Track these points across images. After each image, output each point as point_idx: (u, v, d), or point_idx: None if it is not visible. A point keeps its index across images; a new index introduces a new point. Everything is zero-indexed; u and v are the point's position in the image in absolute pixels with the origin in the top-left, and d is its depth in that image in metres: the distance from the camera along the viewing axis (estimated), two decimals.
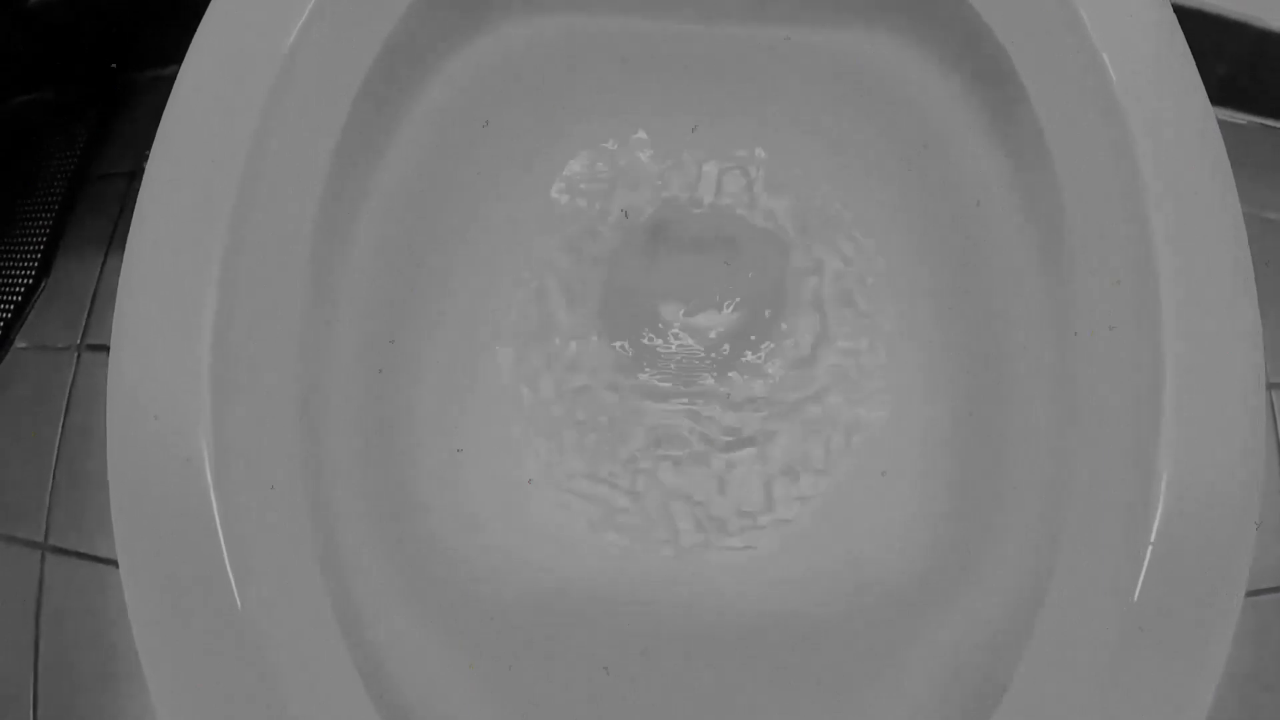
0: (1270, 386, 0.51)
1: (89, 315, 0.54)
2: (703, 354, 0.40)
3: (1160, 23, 0.30)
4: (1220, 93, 0.55)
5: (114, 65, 0.60)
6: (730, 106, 0.42)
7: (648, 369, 0.40)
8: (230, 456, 0.26)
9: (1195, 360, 0.27)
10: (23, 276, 0.56)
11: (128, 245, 0.28)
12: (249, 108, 0.29)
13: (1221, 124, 0.30)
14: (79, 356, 0.54)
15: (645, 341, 0.40)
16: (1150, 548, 0.25)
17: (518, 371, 0.39)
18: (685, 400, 0.39)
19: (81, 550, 0.50)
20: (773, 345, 0.40)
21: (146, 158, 0.29)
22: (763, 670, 0.34)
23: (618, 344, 0.40)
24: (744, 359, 0.40)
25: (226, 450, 0.26)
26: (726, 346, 0.40)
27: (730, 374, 0.40)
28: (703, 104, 0.42)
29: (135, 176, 0.57)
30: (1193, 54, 0.30)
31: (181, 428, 0.26)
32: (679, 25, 0.39)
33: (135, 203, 0.29)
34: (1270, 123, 0.58)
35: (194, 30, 0.30)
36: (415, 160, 0.36)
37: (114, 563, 0.49)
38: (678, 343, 0.40)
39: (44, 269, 0.56)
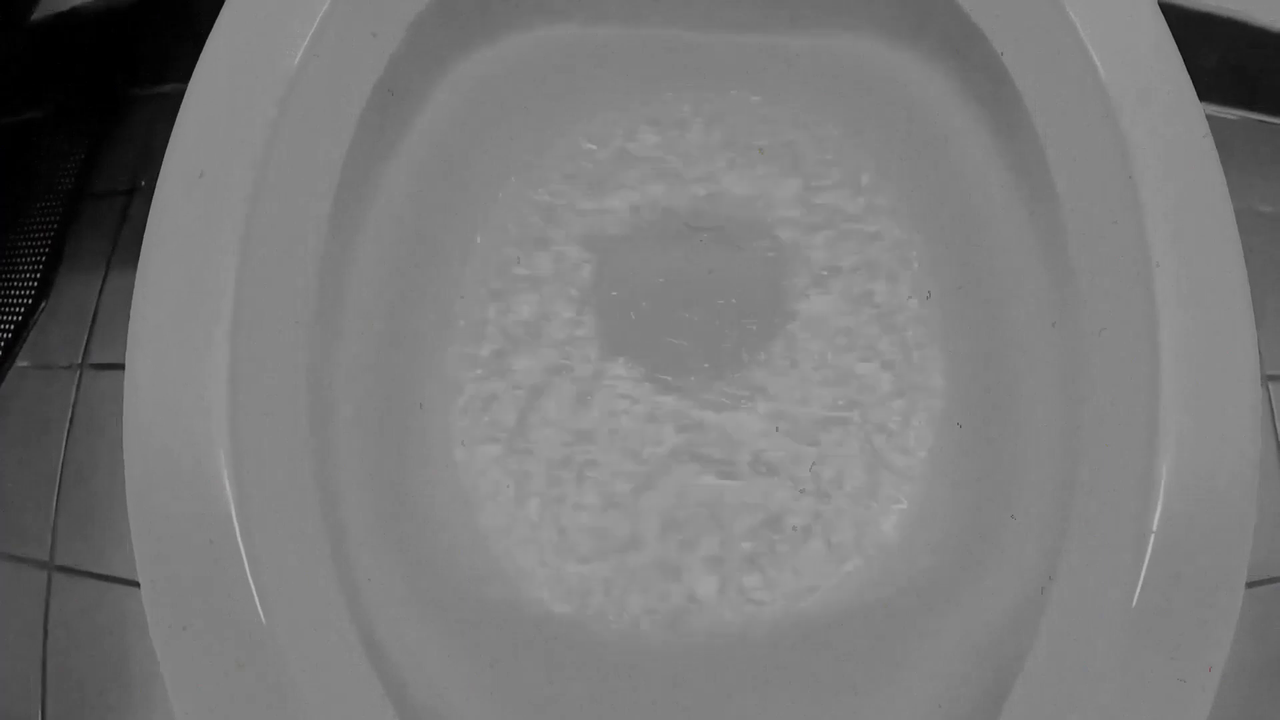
0: (1266, 379, 0.52)
1: (90, 333, 0.54)
2: (703, 355, 0.40)
3: (1149, 21, 0.31)
4: (1210, 89, 0.56)
5: (113, 81, 0.60)
6: (731, 108, 0.42)
7: (649, 372, 0.40)
8: (247, 468, 0.26)
9: (1192, 355, 0.27)
10: (23, 295, 0.56)
11: (141, 255, 0.28)
12: (260, 117, 0.29)
13: (1211, 119, 0.30)
14: (81, 375, 0.53)
15: (647, 345, 0.40)
16: (1151, 546, 0.26)
17: (521, 374, 0.39)
18: (685, 402, 0.39)
19: (87, 569, 0.49)
20: (773, 347, 0.40)
21: (145, 178, 0.29)
22: (763, 670, 0.34)
23: (620, 348, 0.40)
24: (744, 361, 0.40)
25: (243, 462, 0.26)
26: (727, 348, 0.40)
27: (731, 376, 0.40)
28: (703, 107, 0.42)
29: (134, 193, 0.56)
30: (1182, 51, 0.31)
31: (200, 441, 0.26)
32: (680, 32, 0.40)
33: (136, 219, 0.29)
34: (1260, 117, 0.58)
35: (194, 46, 0.31)
36: (419, 165, 0.37)
37: (121, 580, 0.49)
38: (679, 345, 0.41)
39: (44, 287, 0.56)
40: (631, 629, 0.35)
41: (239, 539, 0.26)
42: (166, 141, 0.30)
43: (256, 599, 0.25)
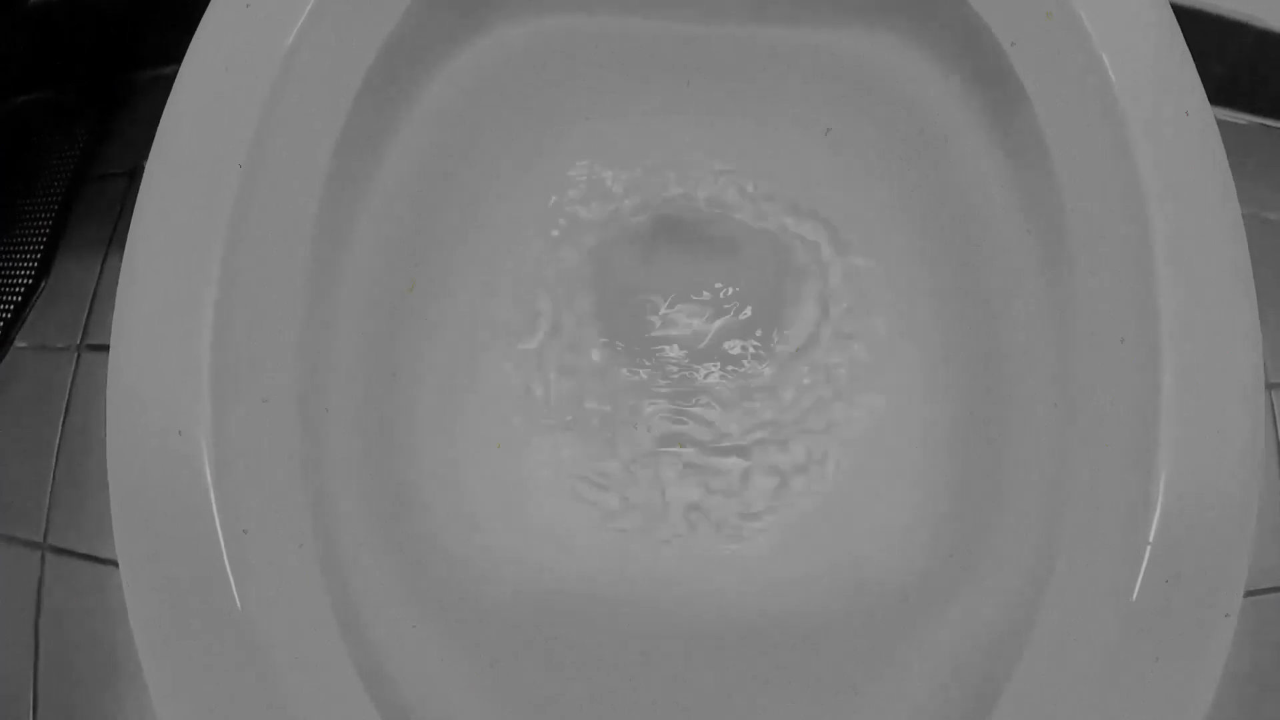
0: (1269, 387, 0.51)
1: (89, 315, 0.54)
2: (702, 354, 0.40)
3: (1159, 22, 0.30)
4: (1220, 92, 0.55)
5: (114, 65, 0.60)
6: (730, 106, 0.42)
7: (647, 369, 0.40)
8: (230, 457, 0.26)
9: (1194, 360, 0.27)
10: (22, 276, 0.56)
11: (127, 244, 0.28)
12: (249, 107, 0.29)
13: (1221, 124, 0.29)
14: (79, 357, 0.54)
15: (644, 341, 0.40)
16: (1149, 547, 0.25)
17: (517, 371, 0.39)
18: (684, 400, 0.39)
19: (81, 550, 0.50)
20: (772, 345, 0.40)
21: (146, 162, 0.29)
22: (763, 670, 0.34)
23: (617, 344, 0.40)
24: (743, 359, 0.40)
25: (226, 450, 0.26)
26: (726, 346, 0.40)
27: (730, 374, 0.40)
28: (703, 104, 0.42)
29: (135, 176, 0.57)
30: (1192, 54, 0.30)
31: (181, 428, 0.26)
32: (679, 26, 0.39)
33: (135, 203, 0.29)
34: (1270, 123, 0.58)
35: (194, 30, 0.30)
36: (415, 160, 0.36)
37: (113, 563, 0.49)
38: (677, 343, 0.40)
39: (44, 269, 0.56)
40: (633, 629, 0.35)
41: (219, 529, 0.26)
42: None
43: (234, 587, 0.25)
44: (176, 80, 0.30)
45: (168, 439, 0.26)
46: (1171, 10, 0.31)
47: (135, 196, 0.29)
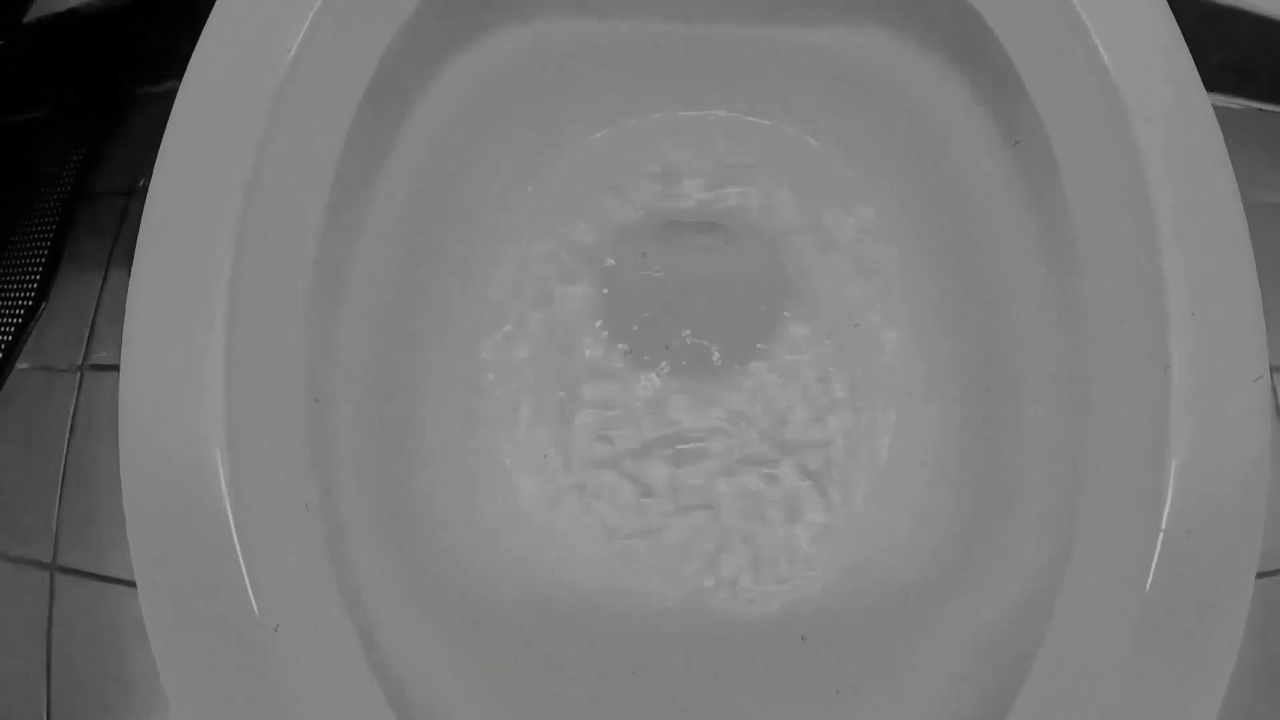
0: (1275, 371, 0.51)
1: (90, 334, 0.54)
2: (704, 355, 0.40)
3: (1158, 20, 0.30)
4: (1213, 78, 0.55)
5: (114, 81, 0.60)
6: (731, 107, 0.42)
7: (649, 371, 0.40)
8: (242, 462, 0.26)
9: (1200, 349, 0.27)
10: (23, 297, 0.56)
11: (136, 254, 0.28)
12: (254, 114, 0.29)
13: (1217, 109, 0.30)
14: (82, 376, 0.53)
15: (647, 343, 0.40)
16: (1161, 534, 0.25)
17: (521, 374, 0.39)
18: (687, 401, 0.39)
19: (90, 570, 0.50)
20: (774, 347, 0.40)
21: (145, 179, 0.29)
22: (763, 670, 0.34)
23: (620, 346, 0.40)
24: (745, 360, 0.40)
25: (239, 456, 0.26)
26: (728, 347, 0.40)
27: (732, 375, 0.40)
28: (703, 105, 0.42)
29: (134, 193, 0.56)
30: (1188, 41, 0.30)
31: (194, 436, 0.26)
32: (679, 26, 0.40)
33: (135, 220, 0.29)
34: (1263, 106, 0.58)
35: (193, 46, 0.30)
36: (418, 164, 0.36)
37: (122, 581, 0.49)
38: (679, 343, 0.41)
39: (44, 289, 0.56)
40: (633, 629, 0.35)
41: (234, 537, 0.26)
42: None
43: (251, 597, 0.25)
44: (181, 87, 0.30)
45: (181, 447, 0.26)
46: (1167, 2, 0.31)
47: (135, 214, 0.29)
